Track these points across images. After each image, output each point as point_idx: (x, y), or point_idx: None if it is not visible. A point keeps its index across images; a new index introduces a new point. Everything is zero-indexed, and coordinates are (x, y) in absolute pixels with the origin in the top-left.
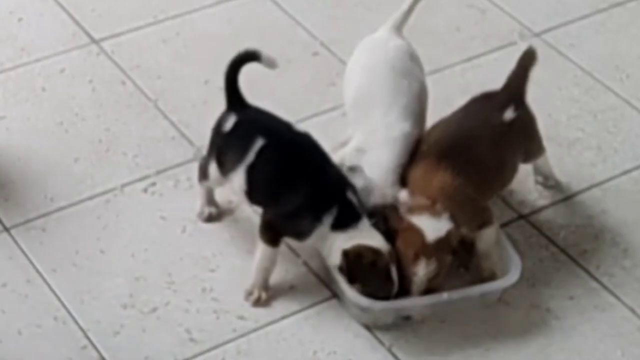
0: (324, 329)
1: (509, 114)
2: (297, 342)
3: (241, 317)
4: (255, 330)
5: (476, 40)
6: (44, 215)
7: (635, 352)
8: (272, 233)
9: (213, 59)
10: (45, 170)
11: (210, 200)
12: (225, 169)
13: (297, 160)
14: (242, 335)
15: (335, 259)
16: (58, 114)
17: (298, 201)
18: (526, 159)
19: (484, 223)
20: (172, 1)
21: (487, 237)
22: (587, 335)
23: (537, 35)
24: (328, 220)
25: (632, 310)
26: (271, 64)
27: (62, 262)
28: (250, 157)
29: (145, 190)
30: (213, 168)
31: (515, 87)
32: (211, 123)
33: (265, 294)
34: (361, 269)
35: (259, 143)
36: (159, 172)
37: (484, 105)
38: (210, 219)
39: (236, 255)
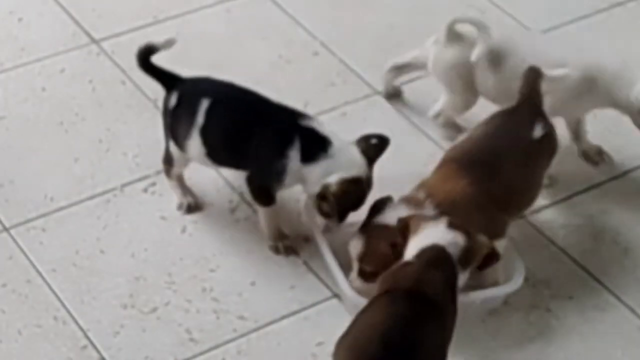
0: (324, 329)
1: (538, 132)
2: (297, 342)
3: (241, 317)
4: (255, 330)
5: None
6: (44, 215)
7: (635, 352)
8: (263, 194)
9: (213, 59)
10: (45, 170)
11: (184, 190)
12: (180, 141)
13: (244, 109)
14: (242, 335)
15: (314, 187)
16: (58, 114)
17: (260, 145)
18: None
19: (495, 235)
20: (172, 1)
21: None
22: (587, 335)
23: None
24: (295, 154)
25: (632, 310)
26: (169, 43)
27: (62, 262)
28: (200, 119)
29: (145, 190)
30: (173, 147)
31: (535, 101)
32: None
33: (288, 242)
34: (348, 204)
35: (204, 104)
36: (159, 172)
37: (512, 122)
38: (190, 209)
39: (236, 255)
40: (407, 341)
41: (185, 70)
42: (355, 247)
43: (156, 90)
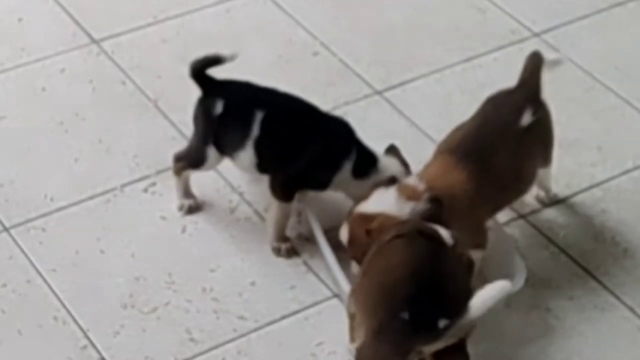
0: (324, 329)
1: (526, 119)
2: (297, 342)
3: (241, 317)
4: (255, 330)
5: (476, 40)
6: (44, 215)
7: (635, 352)
8: (287, 191)
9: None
10: (45, 170)
11: (187, 192)
12: (228, 150)
13: (300, 119)
14: (242, 335)
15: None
16: (58, 114)
17: (314, 155)
18: (544, 163)
19: (477, 245)
20: (172, 1)
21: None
22: (587, 335)
23: (537, 35)
24: (348, 166)
25: (632, 310)
26: (232, 57)
27: (62, 262)
28: (255, 131)
29: (145, 190)
30: (212, 153)
31: (530, 87)
32: None
33: (290, 244)
34: None
35: (259, 115)
36: (159, 172)
37: (502, 109)
38: (190, 210)
39: (236, 255)
40: (436, 275)
41: (186, 69)
42: (343, 234)
43: (156, 90)
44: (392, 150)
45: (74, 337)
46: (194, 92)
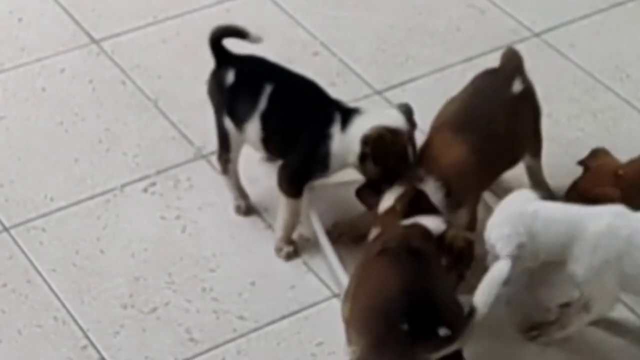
0: (324, 329)
1: (517, 86)
2: (297, 342)
3: (241, 317)
4: (255, 330)
5: (476, 40)
6: (44, 215)
7: (635, 352)
8: (295, 184)
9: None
10: (45, 170)
11: (241, 191)
12: (238, 121)
13: (306, 99)
14: (242, 335)
15: (355, 145)
16: (58, 114)
17: (309, 131)
18: (534, 149)
19: (469, 228)
20: (172, 1)
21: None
22: (587, 335)
23: (537, 35)
24: (337, 129)
25: (632, 310)
26: (256, 39)
27: (62, 262)
28: (263, 103)
29: (145, 190)
30: (228, 124)
31: (514, 63)
32: (211, 123)
33: (293, 247)
34: (388, 155)
35: (268, 89)
36: (159, 172)
37: (493, 80)
38: (247, 212)
39: (236, 255)
40: (427, 288)
41: (186, 69)
42: None
43: (156, 90)
44: (403, 107)
45: (74, 337)
46: (194, 92)
